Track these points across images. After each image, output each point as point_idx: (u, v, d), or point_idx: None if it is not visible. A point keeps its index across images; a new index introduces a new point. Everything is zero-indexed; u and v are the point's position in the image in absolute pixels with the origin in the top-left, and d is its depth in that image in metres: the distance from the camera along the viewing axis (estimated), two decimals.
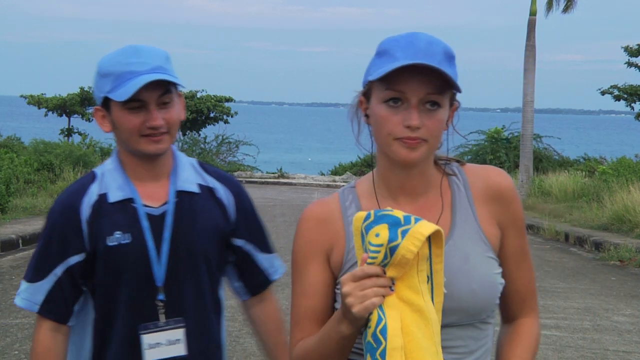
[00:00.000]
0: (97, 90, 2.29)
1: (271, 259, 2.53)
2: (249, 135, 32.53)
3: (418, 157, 1.82)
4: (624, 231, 13.59)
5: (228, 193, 2.43)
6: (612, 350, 7.09)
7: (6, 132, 26.24)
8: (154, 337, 2.29)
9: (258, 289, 2.52)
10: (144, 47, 2.27)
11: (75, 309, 2.33)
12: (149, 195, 2.33)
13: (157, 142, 2.26)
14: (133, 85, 2.18)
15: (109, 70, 2.24)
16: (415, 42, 1.80)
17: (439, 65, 1.77)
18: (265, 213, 16.78)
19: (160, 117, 2.23)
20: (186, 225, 2.33)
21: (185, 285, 2.33)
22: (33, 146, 20.03)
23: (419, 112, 1.79)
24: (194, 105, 26.65)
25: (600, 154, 26.83)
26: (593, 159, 24.25)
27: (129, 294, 2.29)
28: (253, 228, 2.48)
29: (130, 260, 2.28)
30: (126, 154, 2.34)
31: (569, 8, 22.15)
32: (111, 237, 2.28)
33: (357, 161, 30.15)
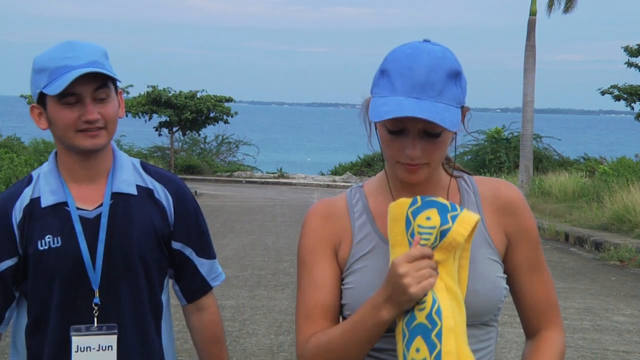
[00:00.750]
0: (32, 86, 2.27)
1: (211, 264, 2.46)
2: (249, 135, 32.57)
3: (420, 179, 1.86)
4: (624, 231, 13.60)
5: (167, 194, 2.37)
6: (612, 350, 7.09)
7: (6, 132, 26.25)
8: (85, 340, 2.24)
9: (196, 295, 2.44)
10: (81, 43, 2.26)
11: (6, 315, 2.30)
12: (84, 197, 2.29)
13: (94, 137, 2.22)
14: (67, 78, 2.16)
15: (44, 66, 2.22)
16: (415, 68, 1.79)
17: (437, 97, 1.77)
18: (265, 213, 16.78)
19: (95, 111, 2.20)
20: (121, 227, 2.28)
21: (121, 289, 2.28)
22: (33, 146, 20.05)
23: (419, 140, 1.81)
24: (194, 105, 26.63)
25: (600, 154, 26.84)
26: (593, 159, 24.26)
27: (62, 298, 2.25)
28: (193, 231, 2.40)
29: (61, 263, 2.24)
30: (64, 152, 2.30)
31: (569, 8, 22.16)
32: (42, 240, 2.24)
33: (357, 161, 30.16)
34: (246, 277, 9.89)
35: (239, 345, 6.88)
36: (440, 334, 1.71)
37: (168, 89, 27.23)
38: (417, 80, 1.78)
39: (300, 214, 16.89)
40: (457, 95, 1.81)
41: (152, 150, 29.29)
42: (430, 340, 1.71)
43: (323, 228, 1.95)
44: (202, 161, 28.52)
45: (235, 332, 7.27)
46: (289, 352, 6.66)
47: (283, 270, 10.37)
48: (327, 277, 1.92)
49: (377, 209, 1.94)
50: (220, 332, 2.48)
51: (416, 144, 1.80)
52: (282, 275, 9.99)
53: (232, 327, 7.40)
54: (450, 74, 1.80)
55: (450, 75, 1.80)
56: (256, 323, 7.58)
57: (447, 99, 1.79)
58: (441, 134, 1.81)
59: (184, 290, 2.44)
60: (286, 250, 12.02)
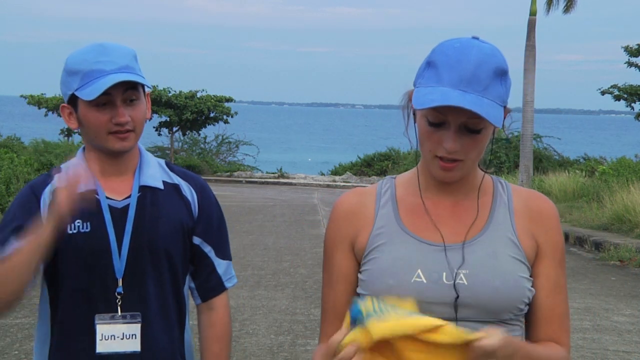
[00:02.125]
0: (64, 87, 2.31)
1: (227, 265, 2.50)
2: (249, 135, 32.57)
3: (454, 178, 1.87)
4: (624, 231, 13.60)
5: (192, 191, 2.42)
6: (612, 350, 7.09)
7: (6, 132, 26.26)
8: (109, 328, 2.28)
9: (210, 294, 2.47)
10: (112, 45, 2.29)
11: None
12: (113, 189, 2.34)
13: (123, 139, 2.28)
14: (101, 84, 2.20)
15: (77, 68, 2.25)
16: (463, 62, 1.79)
17: (482, 92, 1.77)
18: (265, 213, 16.78)
19: (126, 114, 2.26)
20: (149, 219, 2.33)
21: (145, 280, 2.31)
22: (33, 146, 20.06)
23: (458, 135, 1.81)
24: (194, 105, 26.64)
25: (600, 154, 26.84)
26: (593, 159, 24.26)
27: (86, 284, 2.28)
28: (214, 229, 2.45)
29: (89, 249, 2.27)
30: (92, 150, 2.35)
31: (570, 8, 22.16)
32: (71, 224, 2.27)
33: (357, 161, 30.17)
34: (246, 277, 9.89)
35: (239, 345, 6.88)
36: None
37: (168, 89, 27.24)
38: (464, 74, 1.78)
39: (300, 214, 16.90)
40: (501, 94, 1.82)
41: (152, 150, 29.28)
42: None
43: (344, 221, 1.97)
44: (202, 161, 28.51)
45: (235, 332, 7.27)
46: (289, 352, 6.66)
47: (283, 270, 10.37)
48: (341, 271, 1.97)
49: (403, 200, 1.96)
50: (226, 332, 2.50)
51: (456, 137, 1.80)
52: (282, 275, 9.99)
53: (232, 327, 7.40)
54: (497, 72, 1.81)
55: (497, 73, 1.81)
56: (256, 323, 7.58)
57: (492, 95, 1.79)
58: (482, 130, 1.82)
59: (199, 288, 2.47)
60: (286, 250, 12.02)
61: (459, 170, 1.85)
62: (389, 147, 29.84)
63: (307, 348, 6.79)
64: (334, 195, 22.03)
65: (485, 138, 1.84)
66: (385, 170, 28.20)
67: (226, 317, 2.51)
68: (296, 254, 11.59)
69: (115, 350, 2.28)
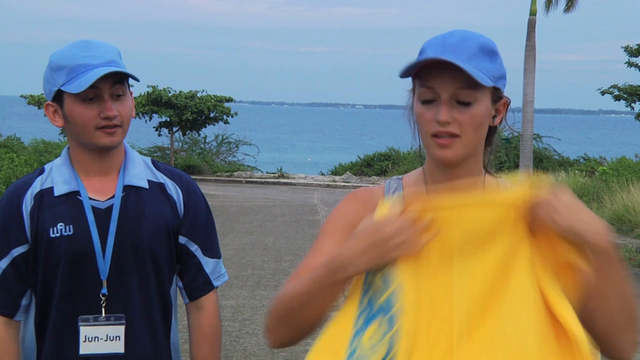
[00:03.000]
0: (48, 84, 2.29)
1: (215, 264, 2.46)
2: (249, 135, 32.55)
3: (452, 155, 1.83)
4: (624, 231, 13.60)
5: (178, 189, 2.40)
6: None
7: (6, 132, 26.25)
8: (93, 330, 2.27)
9: (198, 293, 2.44)
10: (97, 42, 2.29)
11: (22, 303, 2.31)
12: (96, 189, 2.32)
13: (111, 134, 2.26)
14: (89, 77, 2.19)
15: (62, 64, 2.24)
16: (448, 38, 1.82)
17: (466, 60, 1.78)
18: (265, 213, 16.77)
19: (114, 108, 2.25)
20: (133, 219, 2.31)
21: (129, 280, 2.30)
22: (33, 146, 20.05)
23: (449, 107, 1.80)
24: (194, 105, 26.62)
25: (600, 154, 26.84)
26: (593, 159, 24.26)
27: (70, 285, 2.27)
28: (200, 228, 2.42)
29: (72, 251, 2.26)
30: (77, 149, 2.33)
31: (570, 7, 22.16)
32: (54, 228, 2.27)
33: (357, 161, 30.15)
34: (246, 277, 9.89)
35: (239, 345, 6.88)
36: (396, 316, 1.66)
37: (168, 89, 27.22)
38: (449, 45, 1.80)
39: (300, 214, 16.89)
40: (490, 69, 1.81)
41: (152, 150, 29.28)
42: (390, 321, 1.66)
43: (352, 208, 1.95)
44: (202, 161, 28.50)
45: (235, 332, 7.27)
46: (289, 352, 6.65)
47: (283, 270, 10.36)
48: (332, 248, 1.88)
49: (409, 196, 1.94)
50: (215, 333, 2.46)
51: (447, 109, 1.79)
52: (282, 275, 9.98)
53: (232, 327, 7.40)
54: (483, 48, 1.82)
55: (483, 50, 1.82)
56: (256, 323, 7.58)
57: (477, 65, 1.79)
58: (473, 104, 1.81)
59: (186, 288, 2.45)
60: (286, 250, 12.02)
61: (456, 147, 1.82)
62: (389, 147, 29.82)
63: (307, 348, 6.77)
64: (334, 195, 22.01)
65: (478, 113, 1.82)
66: (385, 170, 28.19)
67: (215, 316, 2.47)
68: (296, 254, 11.58)
69: (98, 352, 2.27)
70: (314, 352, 1.71)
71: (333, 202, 19.69)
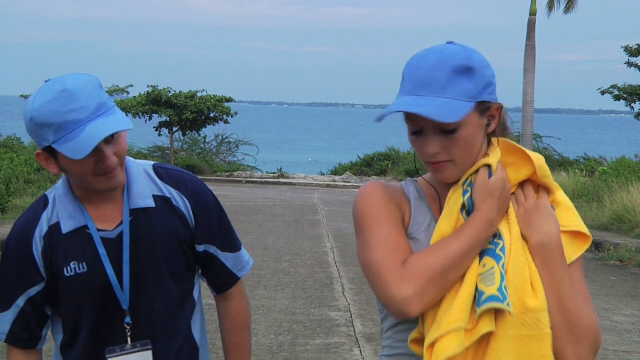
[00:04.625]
0: (36, 137, 2.14)
1: (237, 257, 2.46)
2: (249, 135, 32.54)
3: (449, 177, 1.92)
4: (624, 231, 13.59)
5: (185, 200, 2.34)
6: (612, 350, 7.08)
7: (6, 132, 26.25)
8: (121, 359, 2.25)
9: (223, 288, 2.47)
10: (76, 87, 2.08)
11: (43, 334, 2.31)
12: (103, 217, 2.25)
13: (111, 178, 2.18)
14: (85, 144, 2.05)
15: (48, 121, 2.07)
16: (421, 67, 1.87)
17: (439, 92, 1.83)
18: (265, 213, 16.77)
19: (111, 154, 2.14)
20: (145, 243, 2.26)
21: (152, 303, 2.28)
22: (33, 146, 20.02)
23: (434, 138, 1.87)
24: (194, 105, 26.63)
25: (600, 154, 26.84)
26: (593, 159, 24.26)
27: (94, 320, 2.25)
28: (215, 230, 2.39)
29: (90, 288, 2.23)
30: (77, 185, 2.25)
31: (570, 8, 22.16)
32: (67, 267, 2.23)
33: (357, 161, 30.16)
34: (246, 277, 9.88)
35: None
36: (504, 250, 1.85)
37: (168, 89, 27.22)
38: (421, 78, 1.86)
39: (300, 214, 16.89)
40: (467, 89, 1.85)
41: (152, 150, 29.28)
42: (496, 254, 1.85)
43: (388, 194, 1.98)
44: (202, 161, 28.50)
45: None
46: (289, 352, 6.66)
47: (283, 270, 10.37)
48: (400, 234, 1.92)
49: (429, 197, 2.01)
50: (244, 320, 2.50)
51: (431, 141, 1.87)
52: (282, 275, 9.98)
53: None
54: (457, 70, 1.85)
55: (458, 71, 1.85)
56: (256, 323, 7.58)
57: (452, 93, 1.84)
58: (457, 130, 1.86)
59: (212, 284, 2.48)
60: (286, 250, 12.02)
61: (451, 170, 1.91)
62: (389, 147, 29.84)
63: (307, 348, 6.79)
64: (334, 195, 22.02)
65: (466, 137, 1.87)
66: (385, 170, 28.20)
67: (243, 304, 2.50)
68: (296, 254, 11.58)
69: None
70: (454, 313, 1.81)
71: (333, 202, 19.69)
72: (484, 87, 1.88)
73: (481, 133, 1.91)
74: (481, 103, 1.88)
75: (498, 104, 1.92)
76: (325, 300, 8.53)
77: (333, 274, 10.05)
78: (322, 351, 6.71)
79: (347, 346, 6.87)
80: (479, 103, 1.88)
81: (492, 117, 1.93)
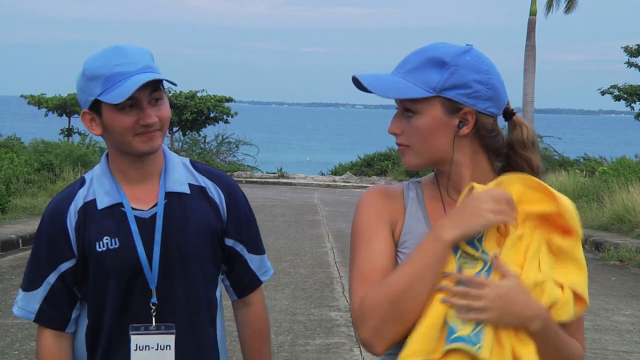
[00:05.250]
0: (84, 93, 2.25)
1: (261, 260, 2.49)
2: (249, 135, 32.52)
3: (408, 163, 1.93)
4: (624, 231, 13.60)
5: (219, 192, 2.39)
6: (612, 350, 7.09)
7: (6, 132, 26.26)
8: (144, 339, 2.27)
9: (245, 291, 2.48)
10: (130, 47, 2.24)
11: (72, 316, 2.32)
12: (138, 198, 2.30)
13: (151, 139, 2.24)
14: (128, 86, 2.15)
15: (97, 73, 2.20)
16: (412, 52, 1.94)
17: (404, 74, 1.89)
18: (265, 213, 16.77)
19: (153, 115, 2.22)
20: (177, 227, 2.30)
21: (178, 288, 2.30)
22: (33, 146, 20.02)
23: (399, 118, 1.92)
24: (194, 105, 26.64)
25: (600, 154, 26.83)
26: (593, 159, 24.25)
27: (120, 298, 2.27)
28: (244, 228, 2.44)
29: (119, 264, 2.25)
30: (116, 155, 2.31)
31: (571, 8, 22.16)
32: (100, 242, 2.26)
33: (357, 161, 30.15)
34: None
35: (239, 345, 6.87)
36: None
37: (168, 89, 27.22)
38: (403, 60, 1.93)
39: (300, 214, 16.89)
40: (431, 80, 1.87)
41: None
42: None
43: (381, 205, 1.97)
44: (202, 161, 28.53)
45: (235, 332, 7.25)
46: (289, 352, 6.66)
47: (283, 270, 10.37)
48: (385, 246, 1.90)
49: (429, 200, 1.99)
50: (265, 328, 2.52)
51: (395, 120, 1.93)
52: (282, 275, 9.98)
53: (232, 327, 7.39)
54: (430, 60, 1.88)
55: (431, 62, 1.88)
56: None
57: (415, 79, 1.88)
58: (414, 115, 1.89)
59: (234, 286, 2.48)
60: (286, 250, 12.02)
61: (409, 156, 1.92)
62: (389, 147, 29.82)
63: (307, 348, 6.79)
64: (333, 195, 22.02)
65: (421, 125, 1.88)
66: (385, 170, 28.18)
67: (264, 311, 2.53)
68: (296, 254, 11.59)
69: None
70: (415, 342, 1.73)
71: (333, 202, 19.69)
72: (455, 85, 1.86)
73: (445, 131, 1.88)
74: (447, 100, 1.87)
75: (469, 108, 1.88)
76: (325, 300, 8.53)
77: (333, 274, 10.05)
78: (322, 351, 6.71)
79: (347, 346, 6.87)
80: (445, 99, 1.87)
81: (466, 120, 1.89)
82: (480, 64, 1.89)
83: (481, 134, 1.91)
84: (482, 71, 1.89)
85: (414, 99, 1.87)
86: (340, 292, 8.95)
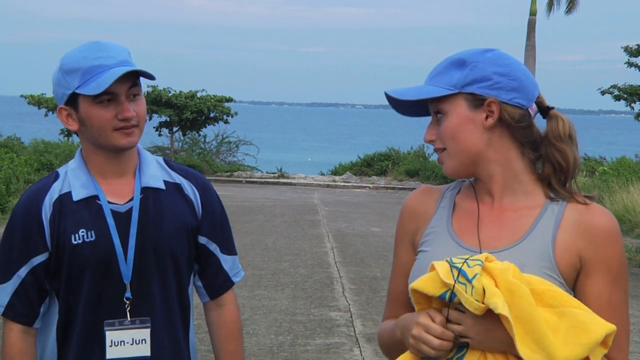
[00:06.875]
0: (61, 88, 2.26)
1: (233, 260, 2.49)
2: (249, 135, 32.52)
3: (447, 169, 1.94)
4: (624, 231, 13.60)
5: (194, 189, 2.40)
6: None
7: (6, 132, 26.25)
8: (119, 334, 2.26)
9: (219, 291, 2.47)
10: (108, 43, 2.26)
11: (41, 311, 2.30)
12: (114, 192, 2.30)
13: (129, 134, 2.24)
14: (107, 77, 2.16)
15: (76, 66, 2.21)
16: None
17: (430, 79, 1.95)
18: (265, 213, 16.77)
19: (131, 109, 2.22)
20: (153, 221, 2.30)
21: (152, 283, 2.30)
22: (33, 146, 20.04)
23: (433, 125, 1.95)
24: (194, 105, 26.63)
25: (600, 154, 26.83)
26: (593, 159, 24.25)
27: (95, 292, 2.26)
28: (218, 227, 2.44)
29: (95, 257, 2.25)
30: (92, 151, 2.31)
31: (572, 9, 22.17)
32: (75, 234, 2.25)
33: (357, 161, 30.14)
34: (246, 277, 9.87)
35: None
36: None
37: (168, 88, 27.23)
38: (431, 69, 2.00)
39: (300, 214, 16.88)
40: (454, 79, 1.90)
41: (152, 150, 29.26)
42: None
43: (407, 219, 2.05)
44: (202, 161, 28.48)
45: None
46: (289, 352, 6.66)
47: (283, 270, 10.36)
48: (404, 264, 2.04)
49: (461, 202, 1.99)
50: (238, 329, 2.50)
51: (429, 128, 1.97)
52: (282, 275, 9.98)
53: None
54: (454, 62, 1.93)
55: (453, 63, 1.92)
56: (256, 323, 7.58)
57: (439, 82, 1.92)
58: (443, 117, 1.91)
59: (207, 286, 2.47)
60: (286, 250, 12.01)
61: (447, 160, 1.93)
62: (389, 147, 29.81)
63: (307, 348, 6.79)
64: (334, 195, 22.01)
65: (450, 125, 1.90)
66: (385, 170, 28.18)
67: (236, 312, 2.51)
68: (296, 254, 11.58)
69: (124, 356, 2.27)
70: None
71: (333, 202, 19.67)
72: (475, 79, 1.88)
73: (473, 126, 1.88)
74: (470, 95, 1.88)
75: (492, 98, 1.87)
76: (325, 300, 8.53)
77: (333, 274, 10.05)
78: (322, 351, 6.71)
79: (347, 346, 6.87)
80: (468, 95, 1.88)
81: (491, 112, 1.88)
82: (501, 59, 1.91)
83: (510, 126, 1.88)
84: (503, 65, 1.90)
85: (440, 101, 1.90)
86: (340, 292, 8.95)
